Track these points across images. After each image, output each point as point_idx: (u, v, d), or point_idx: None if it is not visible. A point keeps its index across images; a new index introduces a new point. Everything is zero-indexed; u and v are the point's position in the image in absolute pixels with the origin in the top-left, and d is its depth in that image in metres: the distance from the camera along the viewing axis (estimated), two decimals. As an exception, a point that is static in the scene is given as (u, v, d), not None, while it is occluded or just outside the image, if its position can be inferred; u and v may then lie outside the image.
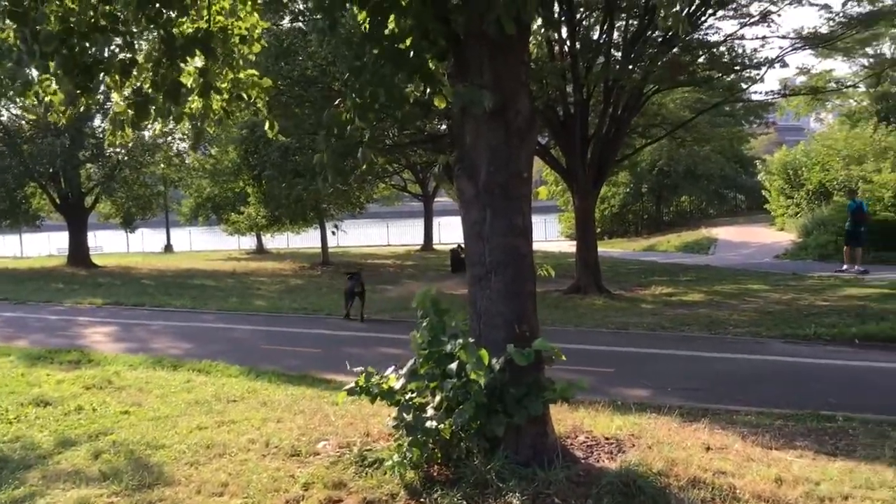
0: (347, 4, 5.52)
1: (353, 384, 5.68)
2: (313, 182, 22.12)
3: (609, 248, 34.77)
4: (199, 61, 6.84)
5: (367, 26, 5.27)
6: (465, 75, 5.43)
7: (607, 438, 6.08)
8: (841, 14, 17.92)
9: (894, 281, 17.48)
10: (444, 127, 21.26)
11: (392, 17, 5.30)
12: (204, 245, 51.50)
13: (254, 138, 27.06)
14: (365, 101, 5.42)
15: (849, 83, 26.12)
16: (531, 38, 17.34)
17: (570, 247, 29.42)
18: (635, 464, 5.24)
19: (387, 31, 5.33)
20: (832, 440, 6.61)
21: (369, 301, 18.35)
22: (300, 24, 19.15)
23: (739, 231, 36.26)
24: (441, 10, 5.40)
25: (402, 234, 49.35)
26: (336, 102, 5.76)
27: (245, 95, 7.65)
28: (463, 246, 6.23)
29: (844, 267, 20.29)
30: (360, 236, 48.27)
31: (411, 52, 5.36)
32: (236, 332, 14.49)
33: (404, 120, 5.08)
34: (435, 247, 40.82)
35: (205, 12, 6.75)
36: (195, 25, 6.59)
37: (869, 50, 28.92)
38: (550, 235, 46.24)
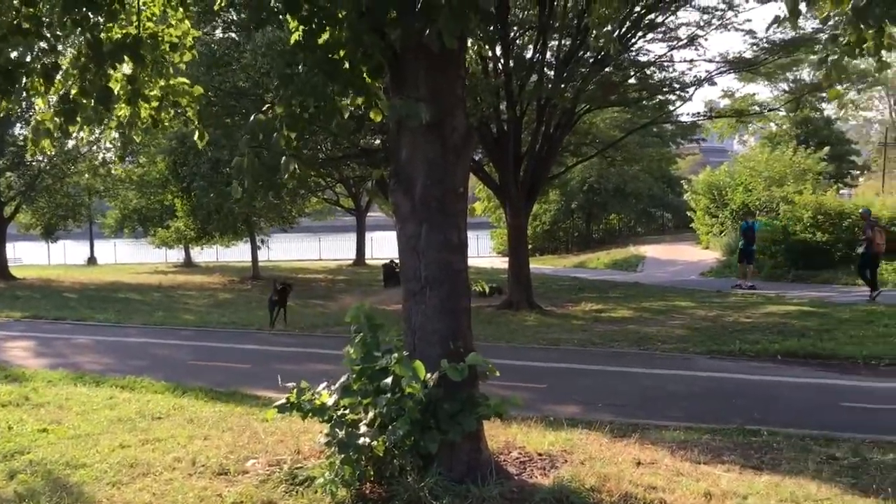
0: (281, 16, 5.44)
1: (283, 400, 5.54)
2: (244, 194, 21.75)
3: (540, 265, 35.11)
4: (127, 68, 6.65)
5: (300, 35, 5.19)
6: (402, 89, 5.40)
7: (540, 454, 6.08)
8: (764, 40, 18.58)
9: (814, 299, 18.09)
10: (378, 141, 21.18)
11: (327, 27, 5.23)
12: (129, 258, 50.11)
13: (183, 149, 26.50)
14: (293, 110, 5.33)
15: (770, 107, 27.03)
16: (467, 53, 17.49)
17: (502, 263, 29.60)
18: (568, 480, 5.25)
19: (321, 41, 5.27)
20: (758, 454, 6.76)
21: (302, 316, 18.14)
22: (233, 34, 18.87)
23: (666, 249, 37.09)
24: (377, 22, 5.36)
25: (334, 249, 48.91)
26: (264, 108, 5.64)
27: (175, 104, 7.48)
28: (396, 261, 6.18)
29: (739, 282, 21.44)
30: (291, 250, 47.69)
31: (346, 64, 5.30)
32: (162, 348, 14.09)
33: (338, 132, 5.02)
34: (367, 262, 40.60)
35: (134, 18, 6.57)
36: (124, 31, 6.40)
37: (790, 75, 30.01)
38: (483, 251, 46.51)
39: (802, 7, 5.62)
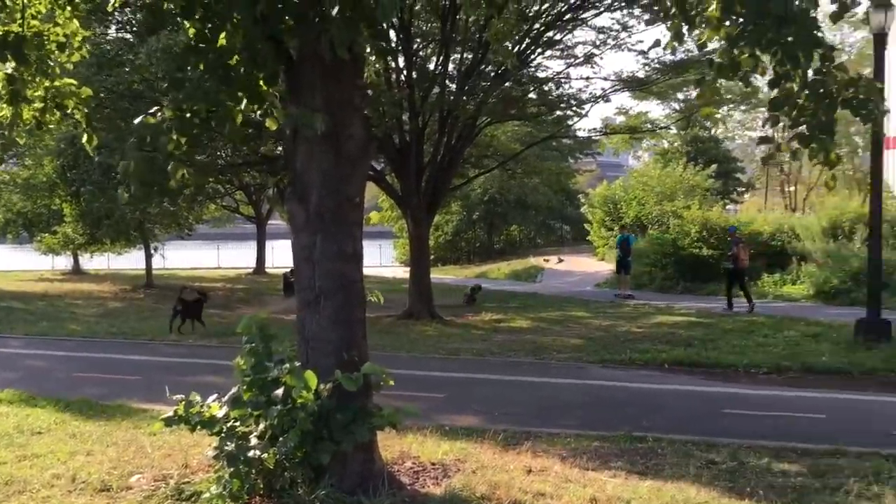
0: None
1: (171, 413, 5.40)
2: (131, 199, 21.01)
3: (442, 275, 35.35)
4: (9, 67, 6.37)
5: (192, 39, 5.10)
6: (298, 97, 5.37)
7: (433, 464, 6.13)
8: (655, 61, 19.37)
9: (700, 310, 18.88)
10: (280, 149, 20.91)
11: (221, 32, 5.15)
12: (13, 264, 47.52)
13: (73, 152, 25.42)
14: (184, 114, 5.22)
15: (662, 125, 28.18)
16: (368, 65, 17.51)
17: (405, 273, 29.64)
18: (459, 488, 5.32)
19: (215, 46, 5.18)
20: (643, 460, 7.00)
21: (197, 326, 17.67)
22: (128, 34, 18.28)
23: (565, 260, 37.96)
24: (273, 29, 5.32)
25: (233, 258, 47.78)
26: (151, 111, 5.49)
27: (61, 106, 7.20)
28: (295, 270, 6.11)
29: (618, 292, 23.17)
30: (188, 258, 46.32)
31: (240, 70, 5.23)
32: (45, 359, 13.44)
33: (230, 138, 4.92)
34: (268, 270, 39.84)
35: (18, 15, 6.29)
36: (5, 28, 6.12)
37: (680, 95, 31.33)
38: (385, 261, 46.43)
39: (685, 30, 5.94)
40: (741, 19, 4.97)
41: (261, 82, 5.62)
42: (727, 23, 5.44)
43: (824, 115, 4.97)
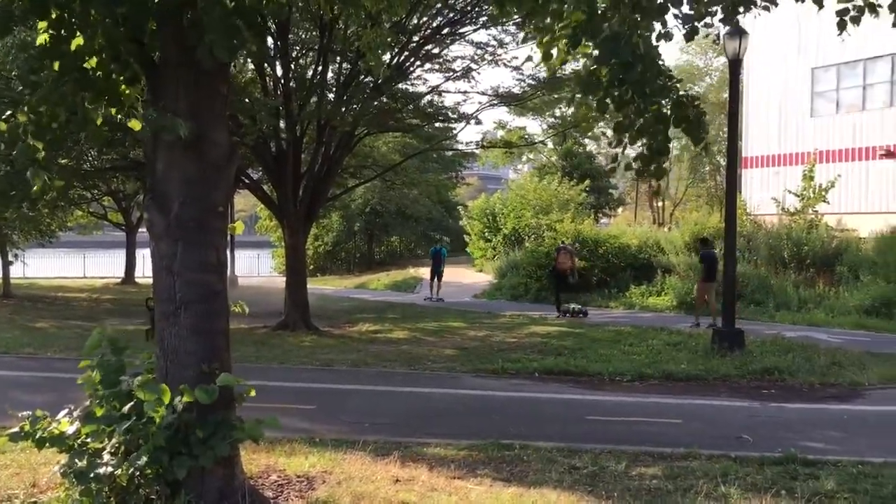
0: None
1: (17, 429, 5.11)
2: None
3: (322, 285, 35.00)
4: None
5: (48, 40, 4.88)
6: (160, 101, 5.22)
7: (299, 477, 6.06)
8: (531, 77, 19.92)
9: (572, 320, 19.49)
10: (150, 154, 20.16)
11: (79, 33, 4.95)
12: None
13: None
14: (41, 118, 4.98)
15: (538, 139, 28.98)
16: (242, 71, 17.20)
17: (282, 282, 29.14)
18: (323, 500, 5.27)
19: (71, 48, 4.97)
20: (509, 467, 7.16)
21: (57, 339, 16.79)
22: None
23: (444, 271, 38.29)
24: (135, 32, 5.16)
25: (101, 266, 45.66)
26: (4, 115, 5.21)
27: None
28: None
29: (428, 296, 26.68)
30: (52, 267, 43.91)
31: (99, 72, 5.05)
32: None
33: (92, 141, 4.69)
34: (137, 280, 38.30)
35: None
36: None
37: (557, 111, 32.33)
38: (264, 271, 45.51)
39: (554, 52, 6.20)
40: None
41: (122, 85, 5.45)
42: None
43: (661, 137, 5.39)
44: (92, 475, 4.74)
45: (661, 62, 5.16)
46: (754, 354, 13.31)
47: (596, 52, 5.13)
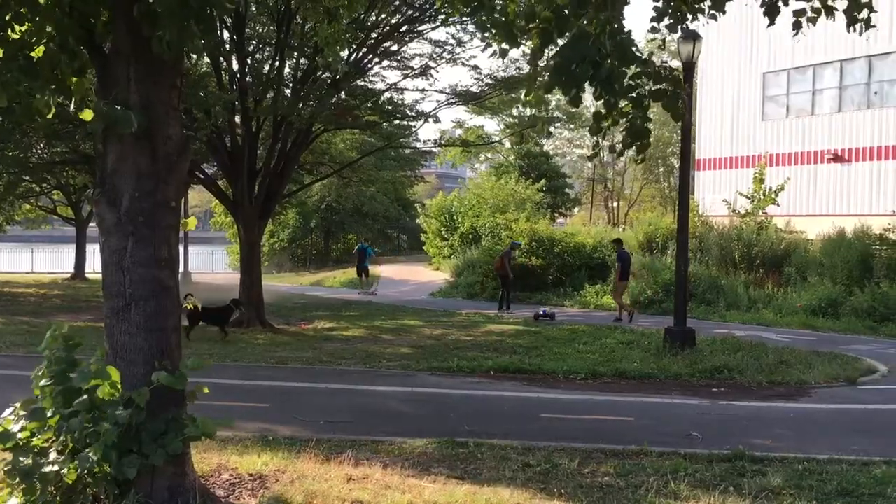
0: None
1: (-43, 429, 4.96)
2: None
3: (278, 282, 34.69)
4: None
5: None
6: (110, 93, 5.11)
7: (251, 475, 5.99)
8: (489, 76, 19.99)
9: (528, 318, 19.60)
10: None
11: (25, 21, 4.82)
12: None
13: None
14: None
15: (496, 139, 29.12)
16: (196, 65, 16.95)
17: (237, 279, 28.81)
18: (275, 499, 5.23)
19: (15, 36, 4.84)
20: (463, 465, 7.18)
21: (2, 333, 16.40)
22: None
23: (401, 269, 38.25)
24: (86, 20, 5.04)
25: (50, 261, 44.66)
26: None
27: None
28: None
29: (361, 290, 29.19)
30: (-1, 261, 42.90)
31: (46, 61, 4.92)
32: None
33: (40, 132, 4.57)
34: (88, 276, 37.52)
35: None
36: None
37: (515, 111, 32.54)
38: (218, 268, 44.97)
39: (515, 50, 6.26)
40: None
41: (70, 75, 5.33)
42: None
43: (640, 120, 5.48)
44: (37, 474, 4.62)
45: (634, 49, 5.25)
46: (705, 353, 13.54)
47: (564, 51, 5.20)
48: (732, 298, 20.82)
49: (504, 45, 6.05)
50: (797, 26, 6.09)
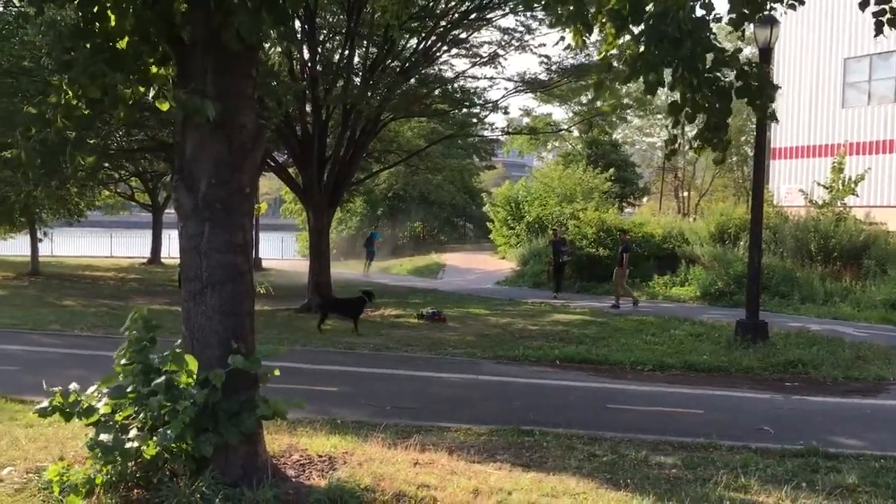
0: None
1: (46, 403, 5.21)
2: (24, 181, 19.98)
3: (345, 269, 35.15)
4: None
5: (80, 20, 4.94)
6: (188, 83, 5.26)
7: (320, 456, 6.13)
8: (558, 64, 19.78)
9: (595, 309, 19.43)
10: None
11: (110, 14, 5.00)
12: None
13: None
14: (71, 99, 5.04)
15: (564, 127, 28.81)
16: (269, 54, 17.25)
17: (306, 266, 29.32)
18: (344, 480, 5.33)
19: (102, 28, 5.02)
20: (528, 453, 7.20)
21: (83, 315, 17.04)
22: (14, 7, 17.38)
23: (467, 258, 38.32)
24: (166, 13, 5.20)
25: (127, 246, 46.13)
26: (36, 100, 5.29)
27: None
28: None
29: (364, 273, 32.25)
30: (79, 246, 44.47)
31: (130, 52, 5.10)
32: (-86, 348, 12.67)
33: (122, 121, 4.74)
34: (164, 260, 38.68)
35: None
36: None
37: (583, 98, 32.08)
38: (288, 254, 45.79)
39: (586, 38, 6.17)
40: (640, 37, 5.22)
41: (152, 66, 5.51)
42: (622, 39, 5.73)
43: (719, 112, 5.32)
44: (118, 449, 4.82)
45: (711, 36, 5.13)
46: (778, 347, 13.22)
47: (641, 32, 5.10)
48: (807, 291, 20.22)
49: (578, 36, 5.96)
50: (879, 27, 5.80)
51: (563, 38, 6.56)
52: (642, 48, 5.22)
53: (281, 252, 46.32)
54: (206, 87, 5.24)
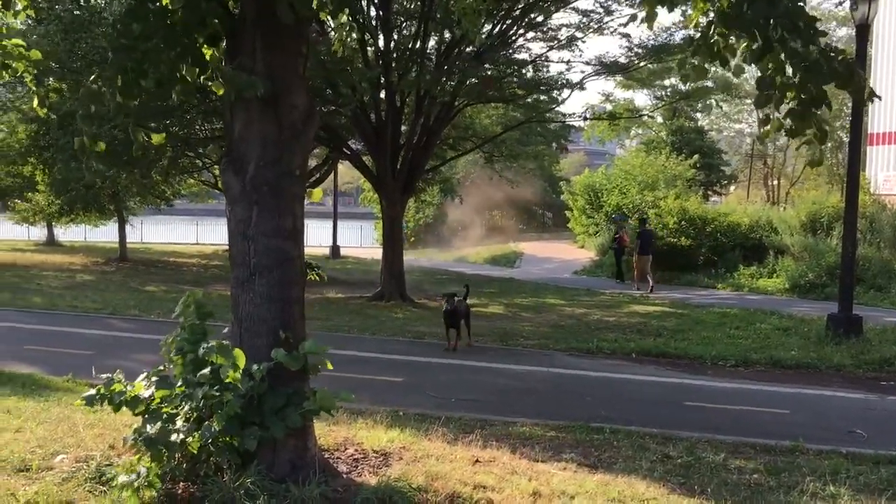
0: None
1: (93, 391, 5.10)
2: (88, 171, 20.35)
3: (420, 257, 35.10)
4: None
5: (133, 4, 4.79)
6: (238, 60, 5.05)
7: (376, 451, 5.87)
8: (638, 46, 19.03)
9: (675, 300, 18.72)
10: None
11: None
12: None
13: (44, 117, 24.76)
14: (129, 76, 4.88)
15: (644, 112, 27.83)
16: (348, 43, 17.11)
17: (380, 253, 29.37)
18: (395, 479, 5.06)
19: (154, 9, 4.86)
20: (597, 452, 6.80)
21: (163, 300, 17.34)
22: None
23: (544, 246, 37.78)
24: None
25: (212, 233, 47.26)
26: (92, 78, 5.16)
27: (6, 66, 6.94)
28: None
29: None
30: (166, 233, 45.81)
31: (181, 30, 4.91)
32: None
33: (184, 98, 4.63)
34: (245, 247, 39.43)
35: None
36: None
37: (666, 83, 31.04)
38: (366, 242, 46.09)
39: (658, 10, 5.67)
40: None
41: (204, 46, 5.33)
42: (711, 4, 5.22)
43: (814, 88, 4.68)
44: (162, 441, 4.66)
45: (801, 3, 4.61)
46: (873, 343, 12.36)
47: None
48: (907, 284, 19.00)
49: (656, 10, 5.47)
50: None
51: (634, 17, 6.03)
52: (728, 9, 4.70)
53: (360, 240, 46.63)
54: (255, 65, 5.02)
